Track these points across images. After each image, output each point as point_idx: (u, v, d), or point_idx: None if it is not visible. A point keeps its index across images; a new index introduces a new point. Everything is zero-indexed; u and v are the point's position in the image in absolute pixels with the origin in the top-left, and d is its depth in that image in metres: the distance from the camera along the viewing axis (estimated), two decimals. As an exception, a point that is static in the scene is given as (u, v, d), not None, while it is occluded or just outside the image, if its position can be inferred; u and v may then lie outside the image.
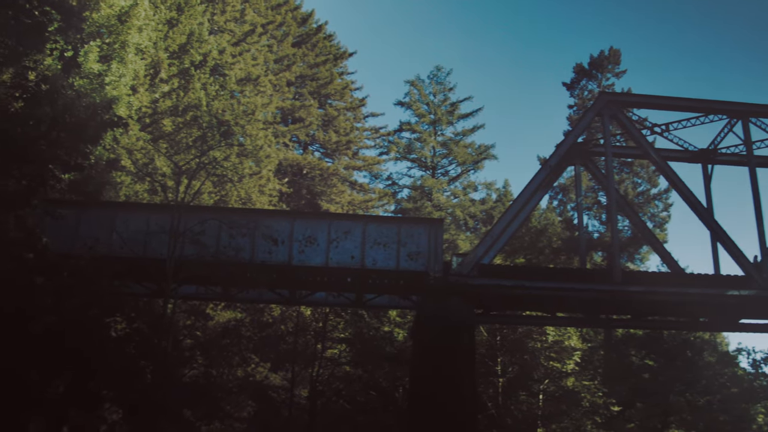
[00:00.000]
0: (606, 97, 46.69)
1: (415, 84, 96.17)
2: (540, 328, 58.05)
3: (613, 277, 42.50)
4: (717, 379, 70.18)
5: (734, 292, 43.01)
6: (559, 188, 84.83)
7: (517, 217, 43.59)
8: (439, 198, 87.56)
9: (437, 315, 39.76)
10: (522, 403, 61.03)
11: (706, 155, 50.20)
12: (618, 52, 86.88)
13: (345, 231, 40.63)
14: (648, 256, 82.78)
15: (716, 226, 45.02)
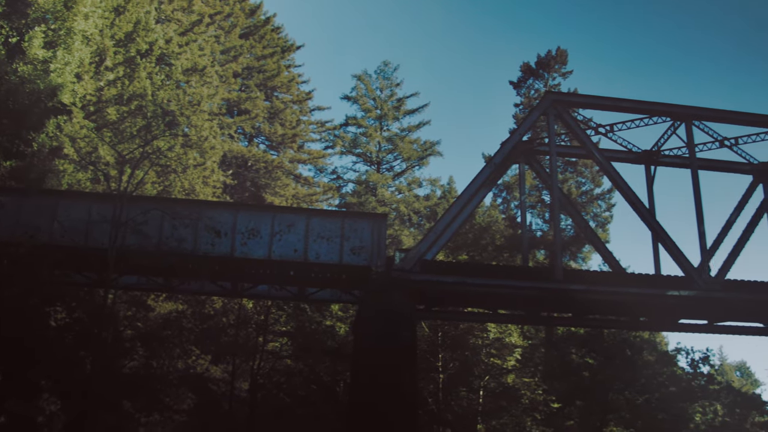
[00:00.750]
0: (552, 97, 46.94)
1: (362, 78, 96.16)
2: (481, 325, 58.27)
3: (555, 275, 42.77)
4: (656, 378, 70.80)
5: (674, 293, 43.47)
6: (504, 186, 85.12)
7: (461, 214, 43.69)
8: (383, 193, 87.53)
9: (379, 310, 39.77)
10: (462, 399, 61.26)
11: (649, 156, 50.62)
12: (565, 53, 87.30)
13: (288, 224, 40.51)
14: (590, 255, 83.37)
15: (658, 227, 45.46)
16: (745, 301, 45.08)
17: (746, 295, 45.21)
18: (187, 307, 57.21)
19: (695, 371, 74.49)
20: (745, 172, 52.42)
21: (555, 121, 46.41)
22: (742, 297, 44.99)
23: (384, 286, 40.00)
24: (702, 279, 43.70)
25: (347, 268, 40.67)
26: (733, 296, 44.62)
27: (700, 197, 46.50)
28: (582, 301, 43.72)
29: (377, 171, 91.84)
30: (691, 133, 47.54)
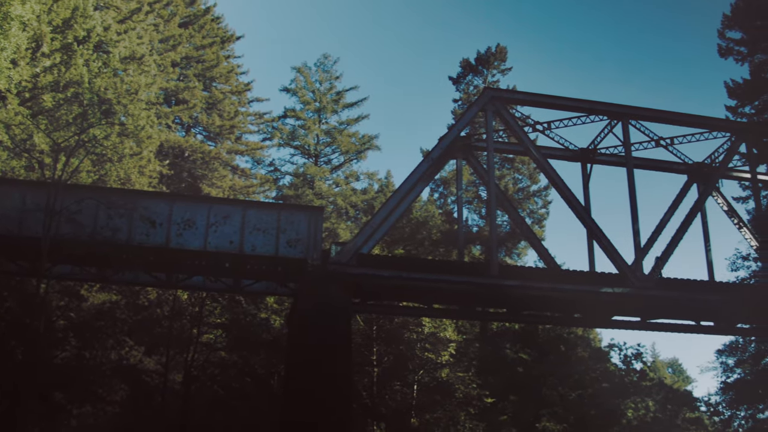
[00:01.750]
0: (490, 93, 47.15)
1: (301, 71, 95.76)
2: (416, 319, 58.37)
3: (491, 270, 42.98)
4: (589, 374, 71.48)
5: (608, 290, 43.89)
6: (441, 181, 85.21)
7: (398, 208, 43.78)
8: (320, 186, 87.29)
9: (314, 303, 39.76)
10: (396, 393, 61.30)
11: (586, 155, 51.05)
12: (504, 50, 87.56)
13: (225, 215, 40.30)
14: (526, 251, 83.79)
15: (593, 225, 45.85)
16: (677, 299, 45.65)
17: (678, 293, 45.78)
18: (121, 298, 56.71)
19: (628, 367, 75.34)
20: (680, 171, 53.10)
21: (493, 118, 46.64)
22: (675, 295, 45.56)
23: (320, 279, 39.96)
24: (636, 277, 44.16)
25: (283, 260, 40.57)
26: (666, 294, 45.15)
27: (635, 196, 47.00)
28: (517, 296, 44.02)
29: (315, 164, 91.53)
30: (627, 132, 48.02)
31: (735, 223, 53.50)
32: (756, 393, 65.52)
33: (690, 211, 48.27)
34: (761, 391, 64.78)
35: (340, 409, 38.32)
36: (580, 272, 46.50)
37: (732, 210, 53.51)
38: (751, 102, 73.13)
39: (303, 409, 37.73)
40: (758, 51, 74.78)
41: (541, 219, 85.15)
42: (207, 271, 43.14)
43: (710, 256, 52.58)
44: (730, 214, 53.57)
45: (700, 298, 46.58)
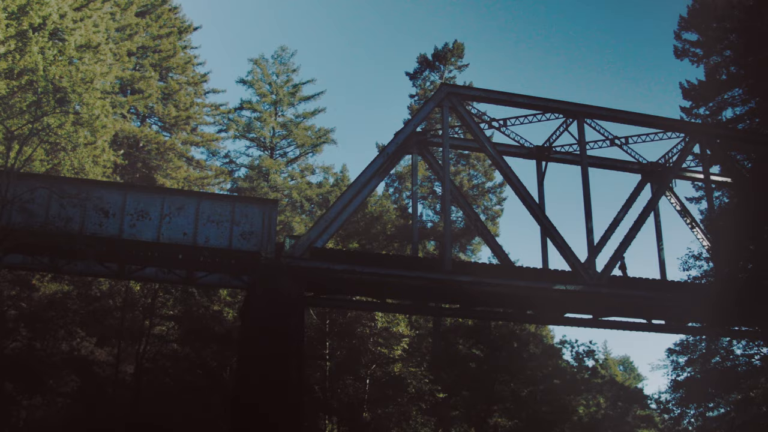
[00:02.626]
0: (447, 89, 47.25)
1: (258, 63, 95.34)
2: (369, 314, 58.43)
3: (444, 266, 43.13)
4: (541, 370, 71.80)
5: (561, 287, 44.14)
6: (396, 176, 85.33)
7: (353, 202, 43.72)
8: (276, 179, 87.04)
9: (267, 296, 39.70)
10: (348, 387, 61.29)
11: (541, 152, 51.31)
12: (461, 46, 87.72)
13: (178, 207, 40.15)
14: (479, 247, 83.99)
15: (547, 222, 46.09)
16: (629, 297, 45.98)
17: (630, 292, 46.13)
18: (73, 288, 56.27)
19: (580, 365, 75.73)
20: (634, 171, 53.53)
21: (449, 114, 46.73)
22: (627, 293, 45.90)
23: (273, 272, 39.92)
24: (588, 274, 44.43)
25: (236, 253, 40.47)
26: (618, 292, 45.49)
27: (589, 194, 47.30)
28: (470, 292, 44.13)
29: (270, 156, 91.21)
30: (582, 131, 48.32)
31: (687, 222, 53.96)
32: (705, 391, 66.00)
33: (643, 210, 48.58)
34: (711, 389, 65.26)
35: (292, 402, 38.27)
36: (534, 269, 46.71)
37: (685, 210, 53.98)
38: (706, 103, 73.71)
39: (254, 403, 37.65)
40: (713, 53, 75.42)
41: (496, 216, 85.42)
42: (160, 262, 42.87)
43: (662, 255, 53.04)
44: (682, 214, 54.04)
45: (651, 297, 46.96)
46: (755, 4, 67.70)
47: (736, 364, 63.81)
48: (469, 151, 77.62)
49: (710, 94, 73.01)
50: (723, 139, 54.53)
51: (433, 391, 61.94)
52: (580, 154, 48.25)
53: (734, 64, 72.87)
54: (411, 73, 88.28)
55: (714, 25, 75.01)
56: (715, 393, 65.84)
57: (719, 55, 75.21)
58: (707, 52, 76.01)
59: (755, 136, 58.56)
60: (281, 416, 37.46)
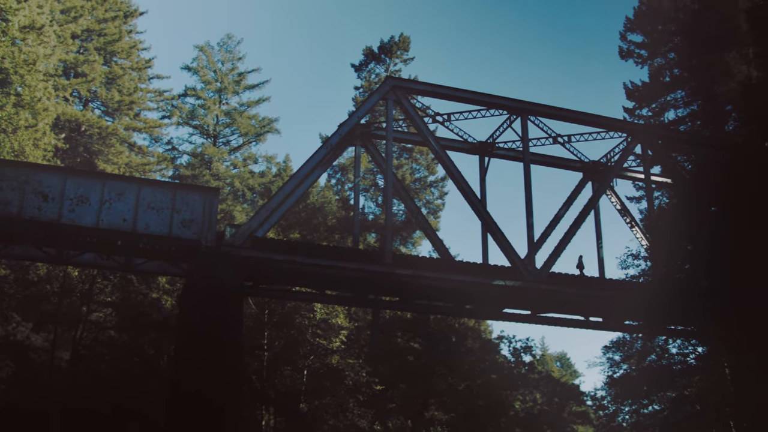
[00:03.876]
0: (392, 82, 47.27)
1: (204, 50, 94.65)
2: (308, 305, 58.37)
3: (384, 258, 43.20)
4: (478, 365, 72.09)
5: (500, 282, 44.35)
6: (339, 168, 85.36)
7: (294, 193, 43.62)
8: (218, 167, 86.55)
9: (206, 284, 39.56)
10: (286, 378, 61.23)
11: (484, 148, 51.51)
12: (408, 40, 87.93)
13: (119, 193, 39.77)
14: (420, 241, 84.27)
15: (488, 217, 46.27)
16: (567, 294, 46.34)
17: (569, 289, 46.49)
18: (10, 272, 55.68)
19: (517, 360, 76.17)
20: (576, 169, 53.88)
21: (393, 107, 46.79)
22: (565, 290, 46.25)
23: (213, 261, 39.77)
24: (527, 270, 44.67)
25: (176, 240, 40.22)
26: (556, 289, 45.79)
27: (530, 191, 47.58)
28: (409, 285, 44.19)
29: (213, 144, 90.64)
30: (526, 128, 48.57)
31: (627, 222, 54.45)
32: (640, 389, 66.63)
33: (584, 208, 48.94)
34: (645, 387, 65.88)
35: (229, 392, 38.18)
36: (473, 264, 46.93)
37: (625, 209, 54.47)
38: (649, 104, 74.48)
39: (191, 392, 37.49)
40: (658, 55, 76.21)
41: (437, 210, 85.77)
42: (99, 248, 42.46)
43: (602, 253, 53.49)
44: (622, 213, 54.51)
45: (589, 294, 47.36)
46: (700, 8, 68.54)
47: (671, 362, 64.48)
48: (412, 145, 77.80)
49: (653, 95, 73.80)
50: (665, 140, 55.02)
51: (371, 384, 62.02)
52: (523, 151, 48.52)
53: (678, 66, 73.72)
54: (357, 65, 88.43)
55: (659, 28, 75.83)
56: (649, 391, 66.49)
57: (663, 57, 76.00)
58: (652, 53, 76.78)
59: (696, 138, 59.26)
60: (218, 405, 37.35)
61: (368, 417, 62.70)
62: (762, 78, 53.80)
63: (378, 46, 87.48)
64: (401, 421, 67.79)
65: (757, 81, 54.65)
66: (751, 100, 52.46)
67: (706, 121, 68.18)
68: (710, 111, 67.27)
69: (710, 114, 67.42)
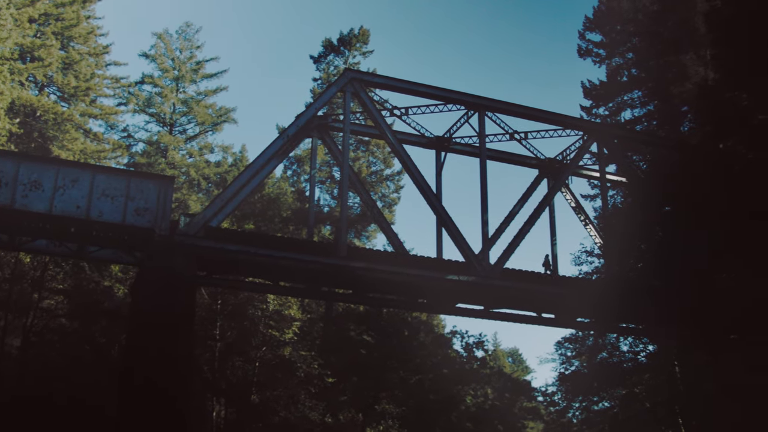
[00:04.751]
0: (350, 74, 47.25)
1: (162, 37, 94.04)
2: (261, 296, 58.27)
3: (339, 251, 43.17)
4: (430, 359, 72.14)
5: (453, 277, 44.45)
6: (295, 159, 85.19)
7: (250, 183, 43.47)
8: (174, 156, 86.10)
9: (159, 273, 39.35)
10: (238, 368, 61.11)
11: (441, 143, 51.61)
12: (367, 32, 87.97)
13: (73, 179, 39.43)
14: (375, 234, 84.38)
15: (443, 212, 46.34)
16: (520, 290, 46.53)
17: (522, 285, 46.67)
18: (-41, 258, 55.29)
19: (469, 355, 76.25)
20: (532, 166, 54.15)
21: (351, 99, 46.71)
22: (518, 286, 46.43)
23: (166, 250, 39.56)
24: (481, 266, 44.80)
25: (130, 228, 39.90)
26: (510, 284, 45.99)
27: (486, 186, 47.69)
28: (363, 278, 44.23)
29: (170, 133, 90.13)
30: (483, 124, 48.67)
31: (581, 219, 54.75)
32: (591, 385, 67.13)
33: (538, 205, 49.17)
34: (596, 384, 66.39)
35: (180, 382, 38.02)
36: (428, 258, 47.04)
37: (579, 207, 54.77)
38: (606, 104, 74.92)
39: (142, 381, 37.30)
40: (616, 55, 76.69)
41: (393, 203, 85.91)
42: (51, 234, 42.10)
43: (555, 250, 53.70)
44: (577, 211, 54.81)
45: (542, 290, 47.57)
46: (659, 10, 69.07)
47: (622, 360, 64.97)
48: (369, 138, 77.85)
49: (611, 94, 74.28)
50: (620, 139, 55.35)
51: (323, 376, 62.02)
52: (480, 146, 48.60)
53: (636, 66, 74.26)
54: (315, 57, 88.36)
55: (618, 28, 76.32)
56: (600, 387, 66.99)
57: (622, 57, 76.49)
58: (610, 53, 77.25)
59: (652, 138, 59.69)
60: (168, 395, 37.18)
61: (319, 409, 62.71)
62: (718, 80, 54.21)
63: (337, 38, 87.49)
64: (352, 414, 67.77)
65: (713, 83, 55.03)
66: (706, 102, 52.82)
67: (662, 121, 68.72)
68: (666, 111, 67.84)
69: (666, 114, 67.98)
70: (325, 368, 62.44)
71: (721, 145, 53.14)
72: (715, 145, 53.42)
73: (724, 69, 52.79)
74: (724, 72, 52.55)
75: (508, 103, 50.31)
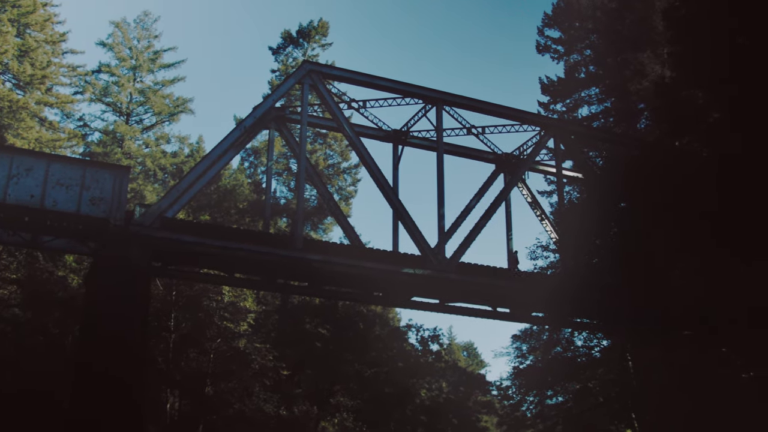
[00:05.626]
0: (308, 66, 47.10)
1: (120, 26, 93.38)
2: (217, 287, 58.11)
3: (295, 243, 43.03)
4: (386, 352, 72.34)
5: (409, 270, 44.43)
6: (252, 150, 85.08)
7: (206, 174, 43.22)
8: (130, 146, 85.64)
9: (114, 264, 39.04)
10: (192, 360, 60.94)
11: (398, 136, 51.58)
12: (326, 25, 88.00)
13: (27, 168, 39.07)
14: (332, 227, 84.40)
15: (399, 205, 46.30)
16: (475, 284, 46.59)
17: (477, 279, 46.72)
18: None
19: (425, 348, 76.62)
20: (489, 160, 54.21)
21: (309, 91, 46.57)
22: (474, 280, 46.47)
23: (121, 240, 39.28)
24: (437, 259, 44.83)
25: (85, 218, 39.55)
26: (465, 278, 46.01)
27: (443, 180, 47.73)
28: (319, 271, 44.10)
29: (126, 122, 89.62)
30: (440, 118, 48.67)
31: (537, 215, 54.89)
32: (545, 380, 67.58)
33: (495, 199, 49.19)
34: (550, 377, 66.82)
35: (133, 373, 37.81)
36: (384, 251, 46.97)
37: (535, 202, 54.91)
38: (563, 100, 75.29)
39: (96, 372, 37.04)
40: (574, 51, 77.12)
41: (350, 196, 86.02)
42: (4, 224, 41.75)
43: (511, 245, 53.89)
44: (533, 206, 54.94)
45: (497, 285, 47.67)
46: (617, 7, 69.46)
47: (576, 354, 65.41)
48: (326, 131, 77.85)
49: (568, 91, 74.68)
50: (577, 135, 55.51)
51: (278, 368, 61.97)
52: (437, 140, 48.65)
53: (593, 63, 74.69)
54: (274, 49, 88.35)
55: (577, 25, 76.78)
56: (554, 382, 67.41)
57: (580, 53, 76.93)
58: (568, 50, 77.66)
59: (608, 135, 59.94)
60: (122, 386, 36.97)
61: (274, 402, 62.69)
62: (674, 78, 54.49)
63: (297, 30, 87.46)
64: (307, 407, 67.83)
65: (670, 81, 55.32)
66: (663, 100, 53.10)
67: (619, 118, 69.13)
68: (623, 109, 68.27)
69: (623, 112, 68.42)
70: (280, 361, 62.40)
71: (677, 142, 53.50)
72: (671, 142, 53.76)
73: (680, 67, 53.07)
74: (681, 70, 52.83)
75: (466, 97, 50.30)
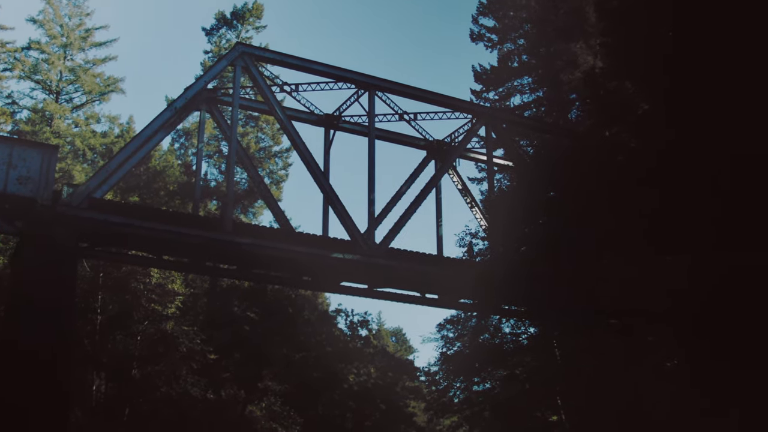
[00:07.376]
0: (241, 48, 46.85)
1: (51, 2, 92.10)
2: (145, 269, 57.78)
3: (224, 226, 42.84)
4: (314, 336, 72.42)
5: (338, 255, 44.42)
6: (183, 132, 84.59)
7: (136, 155, 42.77)
8: (59, 125, 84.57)
9: (40, 244, 38.63)
10: (119, 342, 60.55)
11: (330, 121, 51.50)
12: (261, 7, 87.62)
13: (-48, 146, 38.63)
14: (262, 211, 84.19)
15: (329, 190, 46.27)
16: (404, 270, 46.71)
17: (406, 264, 46.85)
18: None
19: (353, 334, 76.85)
20: (420, 147, 54.26)
21: (242, 73, 46.37)
22: (403, 265, 46.60)
23: (48, 221, 38.87)
24: (366, 244, 44.89)
25: (11, 197, 39.03)
26: (394, 264, 46.15)
27: (374, 166, 47.71)
28: (248, 254, 43.95)
29: (56, 101, 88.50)
30: (372, 103, 48.63)
31: (468, 202, 55.10)
32: (472, 366, 68.05)
33: (425, 186, 49.32)
34: (477, 364, 67.31)
35: (59, 355, 37.44)
36: (313, 236, 46.96)
37: (466, 189, 55.07)
38: (496, 88, 75.56)
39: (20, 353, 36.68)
40: (507, 41, 77.46)
41: (280, 180, 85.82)
42: (-72, 203, 41.20)
43: (441, 231, 54.07)
44: (463, 193, 55.13)
45: (425, 271, 47.84)
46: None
47: (503, 341, 65.92)
48: (258, 113, 77.61)
49: (501, 79, 75.00)
50: (509, 123, 55.75)
51: (205, 352, 61.78)
52: (369, 125, 48.64)
53: (526, 53, 75.10)
54: (207, 30, 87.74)
55: (511, 14, 77.11)
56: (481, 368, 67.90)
57: (513, 43, 77.27)
58: (502, 39, 77.96)
59: (539, 124, 60.31)
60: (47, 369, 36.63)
61: (201, 385, 62.45)
62: (606, 69, 55.00)
63: (231, 11, 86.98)
64: (234, 391, 67.68)
65: (601, 72, 55.83)
66: (594, 90, 53.62)
67: (551, 108, 69.63)
68: (555, 99, 68.74)
69: (555, 101, 68.90)
70: (207, 344, 62.21)
71: (607, 133, 54.02)
72: (601, 132, 54.27)
73: (611, 58, 53.58)
74: (611, 61, 53.34)
75: (399, 83, 50.31)
